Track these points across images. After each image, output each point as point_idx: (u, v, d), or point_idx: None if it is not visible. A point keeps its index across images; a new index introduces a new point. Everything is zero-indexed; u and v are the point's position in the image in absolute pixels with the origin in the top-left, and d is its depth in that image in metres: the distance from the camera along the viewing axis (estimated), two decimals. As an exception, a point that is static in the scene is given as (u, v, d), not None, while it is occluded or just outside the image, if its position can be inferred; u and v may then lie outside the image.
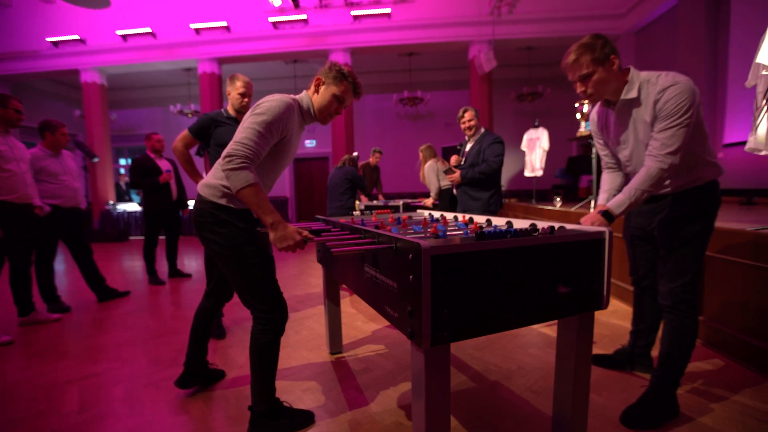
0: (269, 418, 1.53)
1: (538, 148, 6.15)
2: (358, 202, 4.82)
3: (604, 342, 2.35)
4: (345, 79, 1.54)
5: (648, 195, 1.43)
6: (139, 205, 8.97)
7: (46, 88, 10.49)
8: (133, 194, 9.95)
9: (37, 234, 2.90)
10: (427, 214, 2.47)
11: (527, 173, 6.44)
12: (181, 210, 4.39)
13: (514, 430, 1.55)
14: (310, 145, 11.09)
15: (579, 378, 1.34)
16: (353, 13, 8.04)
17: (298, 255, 5.70)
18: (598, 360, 2.04)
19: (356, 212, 2.55)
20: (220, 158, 1.39)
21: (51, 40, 8.46)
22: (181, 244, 4.64)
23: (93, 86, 8.75)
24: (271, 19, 8.10)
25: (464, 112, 3.06)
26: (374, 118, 11.00)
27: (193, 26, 8.20)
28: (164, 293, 3.82)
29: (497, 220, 1.78)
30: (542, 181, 9.38)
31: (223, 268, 1.51)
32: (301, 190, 11.78)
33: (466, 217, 1.95)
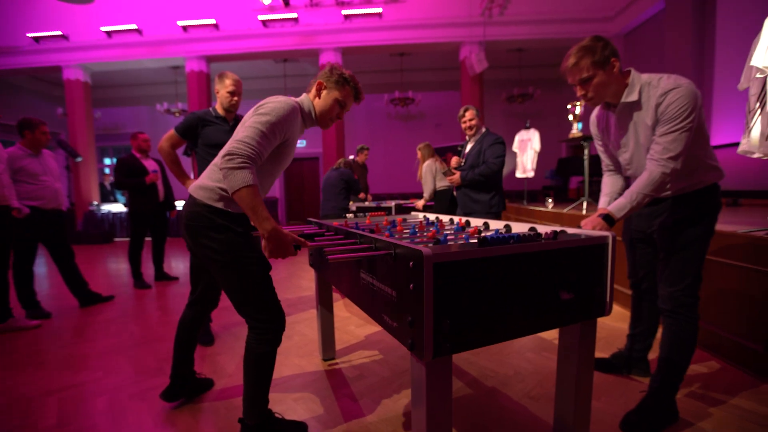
0: None
1: (529, 150, 6.17)
2: (351, 203, 4.77)
3: (601, 344, 2.34)
4: (347, 84, 1.52)
5: (649, 199, 1.40)
6: (125, 205, 8.76)
7: (26, 86, 10.20)
8: (118, 195, 9.72)
9: (15, 237, 2.77)
10: (422, 216, 2.43)
11: (518, 174, 6.46)
12: (168, 211, 4.28)
13: (514, 439, 1.51)
14: (301, 145, 10.98)
15: (581, 385, 1.31)
16: (344, 13, 7.98)
17: (288, 257, 5.61)
18: (595, 364, 2.02)
19: (349, 215, 2.49)
20: (219, 156, 1.32)
21: (32, 35, 8.22)
22: (168, 246, 4.52)
23: (76, 84, 8.52)
24: (261, 18, 7.99)
25: (465, 111, 2.96)
26: (365, 118, 10.95)
27: (181, 23, 8.05)
28: (150, 298, 3.71)
29: (494, 224, 1.75)
30: (532, 182, 9.43)
31: (219, 276, 1.44)
32: (292, 191, 11.66)
33: (463, 220, 1.91)
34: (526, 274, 1.09)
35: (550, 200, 4.97)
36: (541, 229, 1.47)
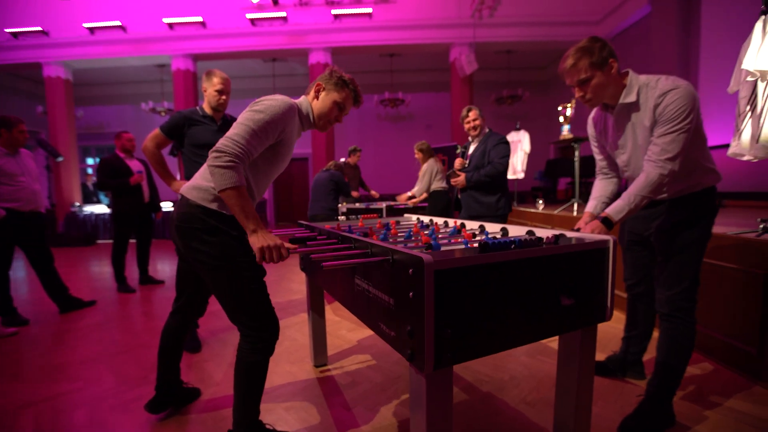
0: (250, 444, 1.40)
1: (519, 151, 6.19)
2: (341, 205, 4.71)
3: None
4: (346, 87, 1.48)
5: (647, 201, 1.39)
6: (108, 207, 8.55)
7: (4, 83, 9.87)
8: (101, 195, 9.48)
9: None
10: (415, 218, 2.39)
11: (509, 176, 6.47)
12: (153, 213, 4.16)
13: (512, 447, 1.48)
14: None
15: (582, 392, 1.29)
16: (333, 12, 7.91)
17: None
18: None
19: (342, 217, 2.44)
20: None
21: (11, 31, 7.95)
22: (154, 249, 4.40)
23: (57, 81, 8.28)
24: (249, 16, 7.87)
25: (468, 111, 2.89)
26: (355, 118, 10.88)
27: (167, 21, 7.88)
28: (134, 302, 3.59)
29: (490, 227, 1.72)
30: (522, 184, 9.48)
31: (211, 281, 1.37)
32: (280, 192, 11.54)
33: (458, 223, 1.88)
34: (528, 280, 1.06)
35: (540, 201, 4.99)
36: (539, 233, 1.44)
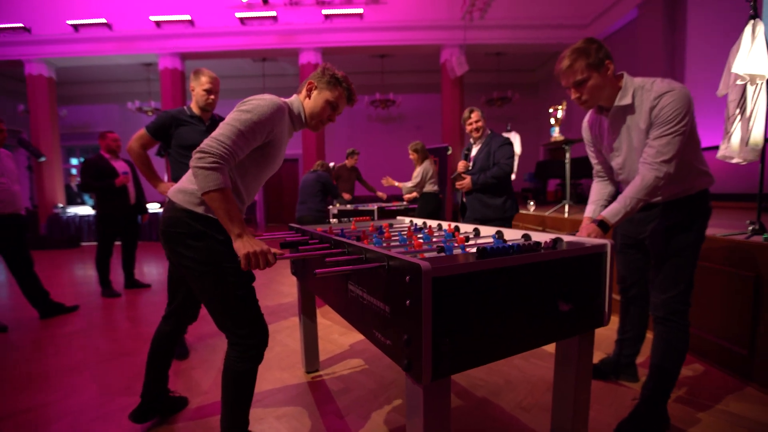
0: (240, 455, 1.36)
1: (510, 152, 6.20)
2: (332, 207, 4.67)
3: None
4: (339, 85, 1.43)
5: (643, 204, 1.38)
6: (93, 208, 8.35)
7: (-16, 81, 9.61)
8: (86, 197, 9.25)
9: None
10: (408, 221, 2.36)
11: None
12: (139, 215, 4.06)
13: (508, 454, 1.46)
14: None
15: (579, 397, 1.27)
16: (324, 12, 7.86)
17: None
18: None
19: (333, 220, 2.40)
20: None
21: (-10, 28, 7.74)
22: (141, 251, 4.28)
23: (39, 79, 8.07)
24: (239, 15, 7.78)
25: (470, 112, 2.85)
26: (345, 119, 10.84)
27: (154, 18, 7.74)
28: (119, 307, 3.49)
29: (485, 230, 1.70)
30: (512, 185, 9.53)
31: (197, 287, 1.32)
32: (270, 194, 11.43)
33: (452, 226, 1.85)
34: (527, 286, 1.03)
35: (531, 203, 5.00)
36: (535, 236, 1.42)
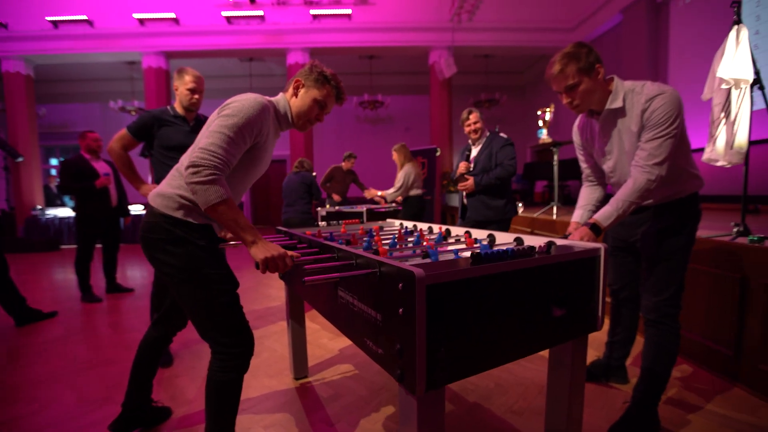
0: (225, 468, 1.30)
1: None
2: (321, 208, 4.61)
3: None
4: (327, 83, 1.38)
5: (635, 206, 1.38)
6: (73, 210, 8.13)
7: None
8: (66, 198, 9.00)
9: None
10: (398, 224, 2.33)
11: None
12: (122, 218, 3.95)
13: (501, 460, 1.44)
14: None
15: (573, 402, 1.25)
16: (312, 12, 7.80)
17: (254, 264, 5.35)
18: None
19: (322, 223, 2.36)
20: (182, 164, 1.17)
21: (-36, 23, 7.48)
22: (123, 254, 4.16)
23: (16, 77, 7.82)
24: (225, 14, 7.67)
25: (469, 113, 2.82)
26: (333, 120, 10.78)
27: (137, 16, 7.58)
28: (100, 313, 3.38)
29: (476, 233, 1.68)
30: (500, 186, 9.60)
31: (178, 295, 1.27)
32: (257, 195, 11.29)
33: (443, 229, 1.83)
34: (521, 292, 1.01)
35: (520, 204, 5.02)
36: (527, 240, 1.41)
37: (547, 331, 1.09)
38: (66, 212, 8.07)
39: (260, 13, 7.73)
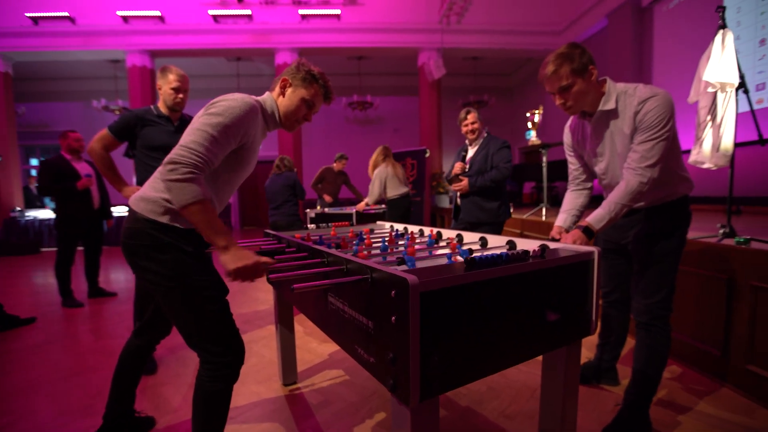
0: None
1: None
2: (309, 210, 4.55)
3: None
4: (315, 82, 1.35)
5: (627, 209, 1.37)
6: (54, 212, 7.91)
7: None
8: (47, 200, 8.75)
9: None
10: (388, 226, 2.31)
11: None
12: (104, 220, 3.84)
13: (494, 466, 1.42)
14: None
15: (567, 406, 1.24)
16: (301, 12, 7.74)
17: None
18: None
19: (311, 225, 2.32)
20: (162, 165, 1.12)
21: (-61, 19, 7.22)
22: (106, 256, 4.02)
23: (-6, 75, 7.59)
24: (212, 12, 7.56)
25: (467, 113, 2.79)
26: (322, 121, 10.71)
27: (121, 14, 7.42)
28: (81, 318, 3.28)
29: (468, 236, 1.66)
30: (489, 187, 9.65)
31: (164, 303, 1.22)
32: (245, 196, 11.15)
33: (434, 232, 1.81)
34: (515, 297, 0.99)
35: (510, 205, 5.04)
36: (520, 243, 1.39)
37: (542, 336, 1.07)
38: (46, 214, 7.84)
39: (248, 12, 7.65)
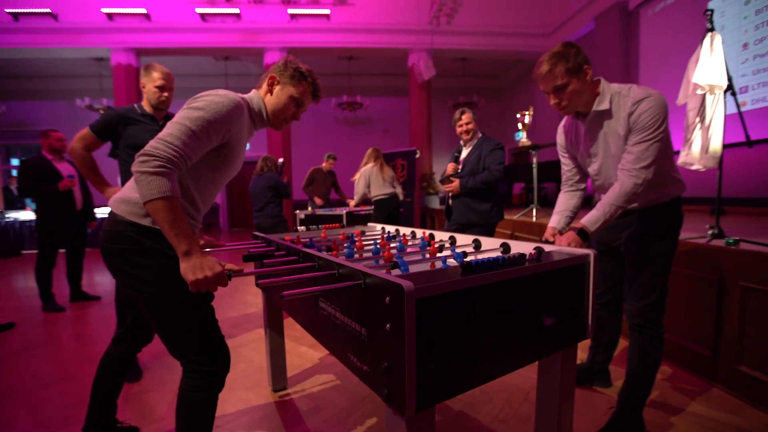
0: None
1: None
2: (299, 211, 4.50)
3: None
4: (304, 80, 1.31)
5: (622, 210, 1.37)
6: (35, 213, 7.69)
7: None
8: (29, 201, 8.52)
9: None
10: (379, 228, 2.27)
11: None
12: (87, 222, 3.73)
13: (489, 472, 1.40)
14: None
15: (563, 411, 1.22)
16: (290, 12, 7.67)
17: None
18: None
19: (301, 227, 2.28)
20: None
21: None
22: (89, 259, 3.89)
23: (-28, 72, 7.36)
24: (199, 11, 7.44)
25: (461, 114, 2.76)
26: (312, 121, 10.64)
27: (105, 11, 7.26)
28: (63, 323, 3.17)
29: (461, 238, 1.64)
30: (479, 188, 9.69)
31: (146, 310, 1.16)
32: (234, 196, 11.01)
33: (427, 234, 1.78)
34: (512, 302, 0.97)
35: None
36: (514, 246, 1.37)
37: (538, 341, 1.05)
38: (28, 215, 7.63)
39: (236, 11, 7.55)
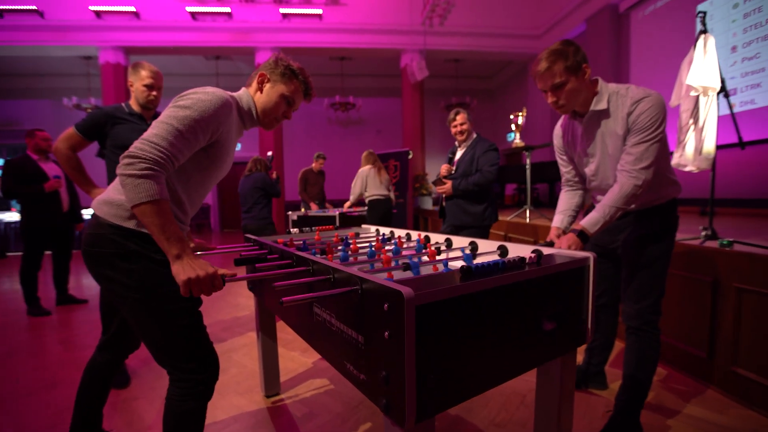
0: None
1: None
2: (291, 213, 4.45)
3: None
4: (295, 77, 1.27)
5: (622, 212, 1.35)
6: (20, 214, 7.51)
7: None
8: (13, 202, 8.33)
9: None
10: (373, 229, 2.24)
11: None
12: (74, 224, 3.64)
13: (486, 479, 1.37)
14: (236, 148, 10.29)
15: (563, 416, 1.20)
16: (282, 11, 7.61)
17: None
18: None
19: (294, 230, 2.24)
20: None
21: None
22: (75, 261, 3.80)
23: (-46, 70, 7.18)
24: (189, 9, 7.35)
25: (456, 114, 2.74)
26: (304, 121, 10.58)
27: (93, 8, 7.13)
28: (48, 328, 3.09)
29: (457, 241, 1.61)
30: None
31: (131, 316, 1.11)
32: (225, 197, 10.89)
33: (423, 236, 1.76)
34: (512, 307, 0.95)
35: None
36: (511, 248, 1.35)
37: (538, 347, 1.03)
38: (12, 217, 7.45)
39: (227, 9, 7.47)
